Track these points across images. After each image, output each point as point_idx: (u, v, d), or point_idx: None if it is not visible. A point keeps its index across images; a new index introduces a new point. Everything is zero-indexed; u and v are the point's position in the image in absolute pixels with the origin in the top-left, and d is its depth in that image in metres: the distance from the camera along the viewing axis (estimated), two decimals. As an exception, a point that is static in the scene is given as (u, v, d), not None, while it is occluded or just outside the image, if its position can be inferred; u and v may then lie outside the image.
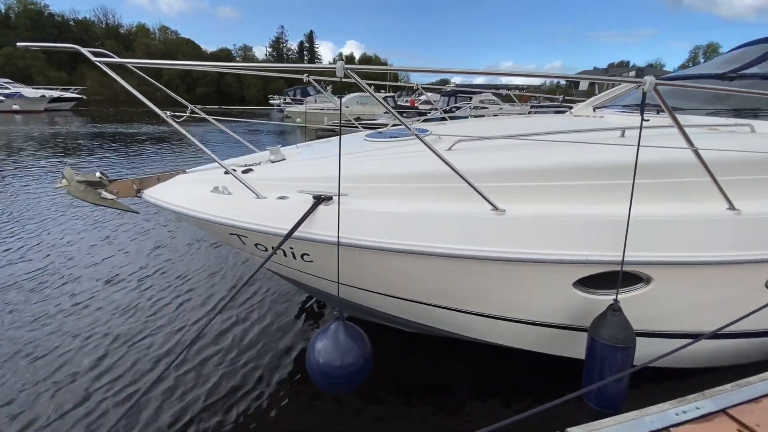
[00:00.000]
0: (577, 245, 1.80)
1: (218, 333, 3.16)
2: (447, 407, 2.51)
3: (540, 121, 3.51)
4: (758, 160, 2.05)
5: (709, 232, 1.91)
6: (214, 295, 3.76)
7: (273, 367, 2.80)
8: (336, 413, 2.45)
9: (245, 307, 3.58)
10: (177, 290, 3.84)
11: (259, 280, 4.07)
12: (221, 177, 2.26)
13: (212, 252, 4.82)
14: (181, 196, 2.12)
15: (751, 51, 3.55)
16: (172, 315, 3.40)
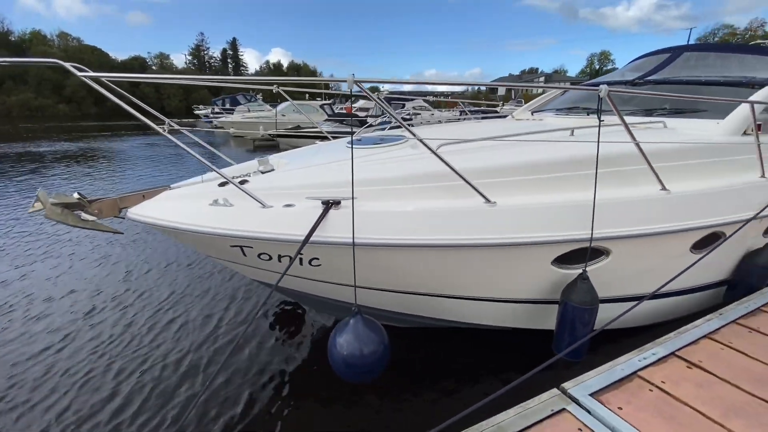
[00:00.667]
0: (555, 228, 2.11)
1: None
2: (446, 389, 2.73)
3: (495, 125, 3.89)
4: (680, 149, 2.56)
5: (649, 209, 2.34)
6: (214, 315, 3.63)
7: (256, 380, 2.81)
8: (345, 411, 2.54)
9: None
10: (172, 312, 3.65)
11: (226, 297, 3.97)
12: (214, 190, 2.23)
13: (193, 272, 4.54)
14: (177, 212, 2.04)
15: (650, 61, 4.28)
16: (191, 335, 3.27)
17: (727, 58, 3.86)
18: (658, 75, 3.84)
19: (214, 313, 3.64)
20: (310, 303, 2.82)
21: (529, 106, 4.76)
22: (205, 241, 2.10)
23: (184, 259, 4.83)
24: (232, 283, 4.23)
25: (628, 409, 1.67)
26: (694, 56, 3.98)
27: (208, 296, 3.97)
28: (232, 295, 3.97)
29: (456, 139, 2.28)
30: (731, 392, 1.78)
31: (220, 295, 3.99)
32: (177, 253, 5.05)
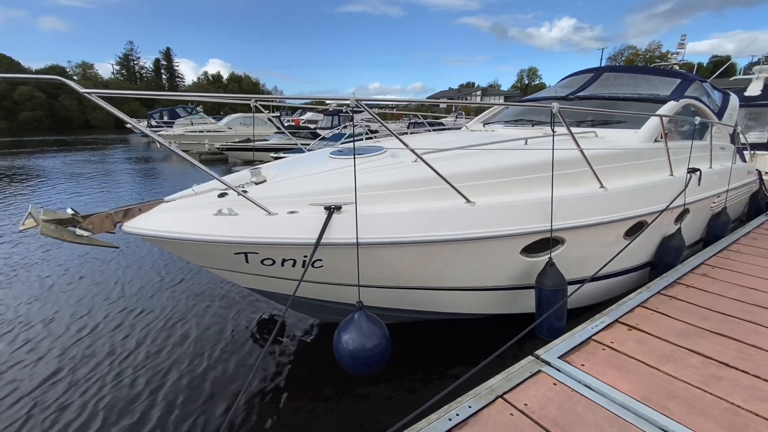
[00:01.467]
0: (522, 222, 2.50)
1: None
2: (435, 374, 3.01)
3: (457, 135, 4.29)
4: (611, 154, 3.10)
5: (591, 204, 2.82)
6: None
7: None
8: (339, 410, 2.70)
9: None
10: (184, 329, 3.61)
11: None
12: (214, 201, 2.32)
13: (187, 285, 4.49)
14: (181, 224, 2.11)
15: (577, 80, 4.99)
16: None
17: (637, 78, 4.64)
18: (585, 92, 4.51)
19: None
20: (305, 308, 2.93)
21: (480, 119, 5.29)
22: (211, 250, 2.18)
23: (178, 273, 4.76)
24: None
25: (588, 365, 2.05)
26: (612, 76, 4.73)
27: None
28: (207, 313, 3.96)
29: (434, 148, 2.59)
30: (661, 345, 2.24)
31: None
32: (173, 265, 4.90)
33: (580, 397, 1.82)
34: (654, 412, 1.72)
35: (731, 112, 5.07)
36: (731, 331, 2.39)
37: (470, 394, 1.84)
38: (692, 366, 2.05)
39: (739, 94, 8.96)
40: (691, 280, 3.11)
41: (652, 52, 58.98)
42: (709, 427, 1.65)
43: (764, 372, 2.00)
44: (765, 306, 2.70)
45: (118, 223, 2.22)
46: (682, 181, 3.46)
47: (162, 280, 4.78)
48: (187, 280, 4.74)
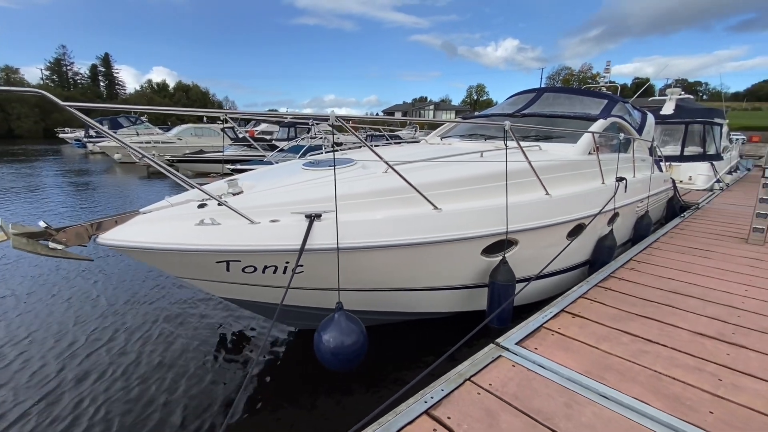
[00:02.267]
0: (483, 225, 2.79)
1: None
2: (410, 366, 3.20)
3: (419, 148, 4.58)
4: (554, 165, 3.53)
5: (539, 208, 3.20)
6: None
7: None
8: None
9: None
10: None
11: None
12: (195, 211, 2.37)
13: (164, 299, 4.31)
14: (161, 234, 2.15)
15: (522, 98, 5.53)
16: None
17: (572, 98, 5.26)
18: (529, 110, 5.03)
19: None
20: (285, 315, 3.00)
21: (437, 133, 5.67)
22: (193, 260, 2.24)
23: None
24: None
25: (540, 348, 2.35)
26: (551, 96, 5.32)
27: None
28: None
29: (403, 160, 2.83)
30: (599, 328, 2.61)
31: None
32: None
33: (535, 375, 2.10)
34: (594, 382, 2.04)
35: (649, 128, 5.86)
36: (654, 313, 2.82)
37: (442, 379, 2.06)
38: (623, 343, 2.42)
39: (656, 113, 10.27)
40: (622, 274, 3.59)
41: (584, 72, 64.98)
42: (637, 390, 1.99)
43: (679, 345, 2.42)
44: (680, 292, 3.20)
45: (93, 235, 2.22)
46: (612, 188, 3.99)
47: (134, 294, 4.59)
48: (155, 296, 4.59)
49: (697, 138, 10.05)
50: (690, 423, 1.76)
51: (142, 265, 4.35)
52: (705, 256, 4.15)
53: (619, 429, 1.72)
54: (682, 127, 10.02)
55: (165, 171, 2.08)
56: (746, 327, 2.65)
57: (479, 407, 1.86)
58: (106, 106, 1.95)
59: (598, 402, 1.90)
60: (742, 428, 1.75)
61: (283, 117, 17.78)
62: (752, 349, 2.39)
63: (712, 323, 2.70)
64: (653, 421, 1.78)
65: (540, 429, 1.73)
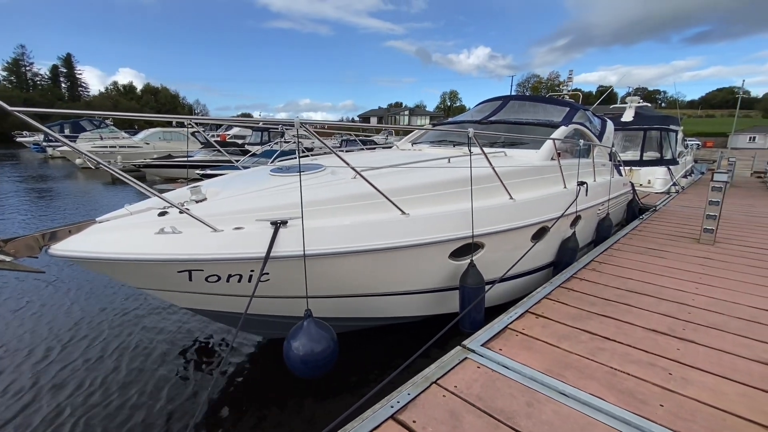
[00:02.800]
0: (450, 229, 2.84)
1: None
2: (378, 370, 3.19)
3: (390, 154, 4.62)
4: (517, 170, 3.64)
5: (503, 212, 3.29)
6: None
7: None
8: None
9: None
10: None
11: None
12: (155, 219, 2.30)
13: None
14: (121, 243, 2.07)
15: (489, 106, 5.69)
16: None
17: (536, 106, 5.45)
18: (496, 117, 5.18)
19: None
20: (252, 325, 2.94)
21: (408, 139, 5.74)
22: (154, 270, 2.16)
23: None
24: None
25: (504, 349, 2.42)
26: (517, 103, 5.50)
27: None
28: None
29: (372, 166, 2.84)
30: (561, 327, 2.71)
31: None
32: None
33: (499, 376, 2.15)
34: (554, 380, 2.11)
35: (608, 135, 6.15)
36: (612, 312, 2.95)
37: (409, 383, 2.08)
38: (582, 342, 2.52)
39: (617, 120, 10.78)
40: (583, 275, 3.73)
41: (552, 80, 67.51)
42: (594, 387, 2.07)
43: (634, 341, 2.54)
44: (636, 291, 3.37)
45: (45, 246, 2.11)
46: (574, 192, 4.16)
47: (97, 303, 4.36)
48: (119, 305, 4.40)
49: (655, 144, 10.63)
50: (641, 416, 1.85)
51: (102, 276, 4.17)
52: (660, 256, 4.38)
53: (576, 425, 1.79)
54: (641, 133, 10.57)
55: (122, 177, 2.01)
56: (695, 323, 2.82)
57: (444, 409, 1.88)
58: (58, 111, 1.86)
59: (558, 400, 1.96)
60: (690, 420, 1.85)
61: (248, 122, 17.48)
62: (700, 343, 2.54)
63: (664, 320, 2.85)
64: (608, 415, 1.86)
65: (502, 428, 1.77)
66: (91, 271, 2.20)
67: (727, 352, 2.44)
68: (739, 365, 2.31)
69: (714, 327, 2.76)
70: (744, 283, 3.60)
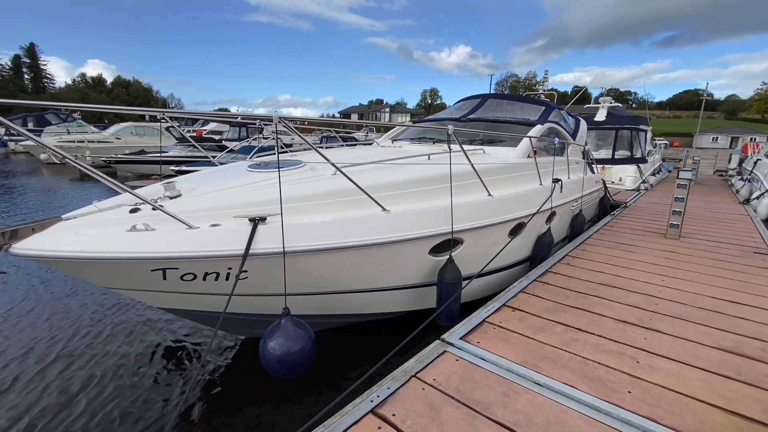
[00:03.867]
0: (430, 226, 2.87)
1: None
2: (356, 367, 3.19)
3: (370, 150, 4.61)
4: (495, 168, 3.71)
5: (482, 209, 3.35)
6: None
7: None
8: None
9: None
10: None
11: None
12: (126, 216, 2.22)
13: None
14: (89, 242, 1.98)
15: (468, 104, 5.76)
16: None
17: (513, 104, 5.56)
18: (474, 114, 5.25)
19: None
20: (229, 324, 2.88)
21: (389, 136, 5.75)
22: (125, 269, 2.08)
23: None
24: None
25: (482, 341, 2.47)
26: (495, 102, 5.59)
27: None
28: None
29: (352, 162, 2.83)
30: (537, 320, 2.78)
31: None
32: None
33: (476, 368, 2.20)
34: (529, 371, 2.17)
35: (582, 133, 6.34)
36: (584, 304, 3.06)
37: (389, 377, 2.10)
38: (557, 333, 2.61)
39: (591, 119, 11.12)
40: (558, 269, 3.85)
41: (529, 80, 68.98)
42: (567, 376, 2.14)
43: (604, 332, 2.64)
44: (607, 284, 3.50)
45: (5, 245, 2.00)
46: (549, 189, 4.27)
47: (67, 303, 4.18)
48: (86, 303, 4.23)
49: (626, 142, 11.04)
50: (611, 402, 1.93)
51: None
52: (630, 250, 4.57)
53: (550, 413, 1.85)
54: (613, 132, 10.95)
55: (90, 172, 1.93)
56: (661, 313, 2.96)
57: (423, 402, 1.91)
58: (22, 102, 1.77)
59: (533, 389, 2.02)
60: (655, 405, 1.95)
61: (225, 117, 17.06)
62: (666, 333, 2.67)
63: (633, 311, 2.98)
64: (580, 403, 1.93)
65: (479, 419, 1.81)
66: (59, 270, 2.11)
67: (690, 341, 2.57)
68: (700, 352, 2.44)
69: (678, 317, 2.90)
70: (706, 275, 3.80)
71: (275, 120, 2.00)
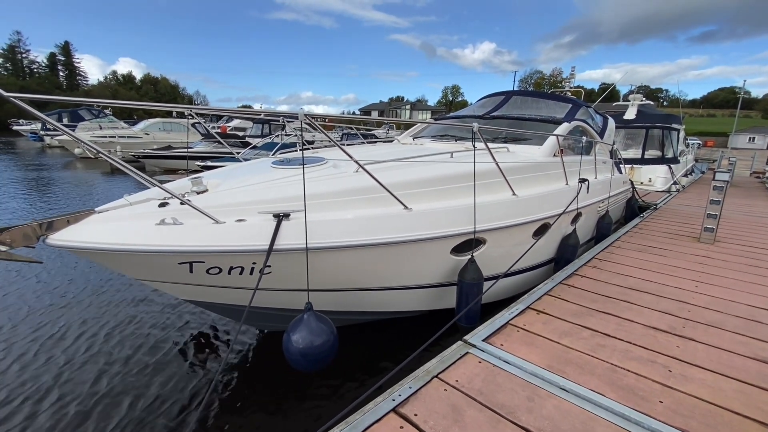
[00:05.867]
0: (452, 225, 2.83)
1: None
2: (380, 366, 3.20)
3: (391, 148, 4.59)
4: (520, 166, 3.62)
5: (506, 208, 3.28)
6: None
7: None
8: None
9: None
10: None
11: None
12: (155, 210, 2.28)
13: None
14: (120, 234, 2.05)
15: (492, 101, 5.65)
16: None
17: (539, 102, 5.42)
18: (498, 112, 5.15)
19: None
20: (252, 317, 2.93)
21: (410, 133, 5.71)
22: (153, 261, 2.15)
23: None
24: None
25: (506, 344, 2.42)
26: (519, 99, 5.46)
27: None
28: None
29: (374, 160, 2.82)
30: (562, 324, 2.71)
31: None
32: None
33: (500, 371, 2.16)
34: (555, 376, 2.12)
35: (610, 132, 6.13)
36: (612, 309, 2.96)
37: (410, 377, 2.09)
38: (583, 338, 2.53)
39: (620, 118, 10.74)
40: (584, 272, 3.74)
41: (555, 77, 67.31)
42: (595, 383, 2.08)
43: (633, 338, 2.55)
44: (636, 289, 3.37)
45: (42, 236, 2.09)
46: (575, 189, 4.15)
47: (97, 291, 4.36)
48: (118, 295, 4.40)
49: (657, 142, 10.61)
50: (641, 412, 1.86)
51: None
52: (660, 254, 4.39)
53: (577, 421, 1.80)
54: (643, 131, 10.55)
55: (122, 167, 1.99)
56: (695, 321, 2.83)
57: (446, 403, 1.89)
58: (57, 99, 1.83)
59: (558, 395, 1.97)
60: (688, 416, 1.86)
61: (250, 114, 17.33)
62: (699, 341, 2.55)
63: (664, 317, 2.86)
64: (608, 411, 1.86)
65: (503, 423, 1.78)
66: (91, 261, 2.19)
67: (726, 350, 2.45)
68: (736, 363, 2.32)
69: (713, 325, 2.77)
70: (743, 282, 3.61)
71: (300, 117, 2.01)
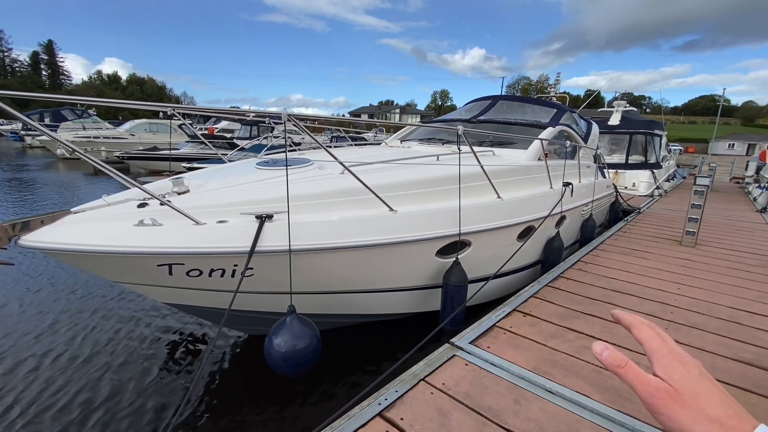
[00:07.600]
0: (437, 227, 2.82)
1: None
2: (367, 370, 3.15)
3: (378, 150, 4.58)
4: (505, 170, 3.64)
5: (491, 211, 3.29)
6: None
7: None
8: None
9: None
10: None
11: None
12: (134, 211, 2.22)
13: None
14: (96, 235, 1.98)
15: (478, 105, 5.69)
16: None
17: (524, 106, 5.48)
18: (484, 116, 5.19)
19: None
20: (234, 321, 2.86)
21: (397, 136, 5.71)
22: (131, 263, 2.08)
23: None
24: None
25: (492, 347, 2.41)
26: (506, 104, 5.52)
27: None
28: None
29: (360, 162, 2.80)
30: (547, 326, 2.72)
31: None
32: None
33: (487, 373, 2.15)
34: (541, 378, 2.11)
35: (594, 137, 6.24)
36: (597, 311, 2.98)
37: (396, 380, 2.06)
38: (569, 340, 2.54)
39: (604, 123, 10.95)
40: (570, 274, 3.77)
41: (541, 83, 68.57)
42: (581, 385, 2.08)
43: (618, 340, 2.56)
44: (620, 291, 3.41)
45: (14, 237, 2.00)
46: (559, 192, 4.19)
47: (73, 294, 4.22)
48: (97, 297, 4.26)
49: (640, 147, 10.84)
50: (625, 413, 1.86)
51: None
52: (644, 257, 4.46)
53: (562, 422, 1.79)
54: (627, 136, 10.77)
55: (101, 167, 1.92)
56: (678, 322, 2.87)
57: (432, 407, 1.87)
58: (38, 96, 1.76)
59: (544, 397, 1.97)
60: (671, 416, 1.87)
61: (235, 114, 17.12)
62: (682, 343, 2.58)
63: (647, 319, 2.86)
64: (593, 413, 1.86)
65: (489, 425, 1.76)
66: (66, 263, 2.11)
67: (708, 351, 2.49)
68: (719, 364, 2.35)
69: (695, 327, 2.81)
70: (724, 285, 3.69)
71: (284, 117, 1.98)
